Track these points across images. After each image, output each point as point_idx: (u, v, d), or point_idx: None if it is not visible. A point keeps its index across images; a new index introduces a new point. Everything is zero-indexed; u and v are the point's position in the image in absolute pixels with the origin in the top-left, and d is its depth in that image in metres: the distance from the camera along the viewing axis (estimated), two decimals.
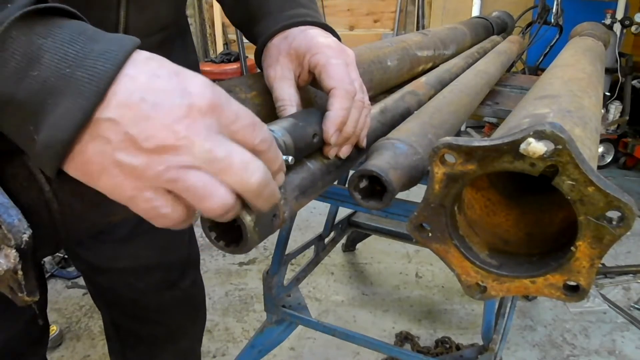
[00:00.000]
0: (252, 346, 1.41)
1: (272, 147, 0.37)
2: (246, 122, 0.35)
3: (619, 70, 2.87)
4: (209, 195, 0.33)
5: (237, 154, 0.33)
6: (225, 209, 0.33)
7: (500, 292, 0.45)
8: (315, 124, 0.49)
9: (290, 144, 0.44)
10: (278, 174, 0.39)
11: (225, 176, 0.33)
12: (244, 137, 0.35)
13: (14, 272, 0.32)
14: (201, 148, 0.32)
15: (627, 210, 0.36)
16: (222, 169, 0.33)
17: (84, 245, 0.91)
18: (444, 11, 3.69)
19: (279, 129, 0.43)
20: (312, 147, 0.48)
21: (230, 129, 0.34)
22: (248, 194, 0.34)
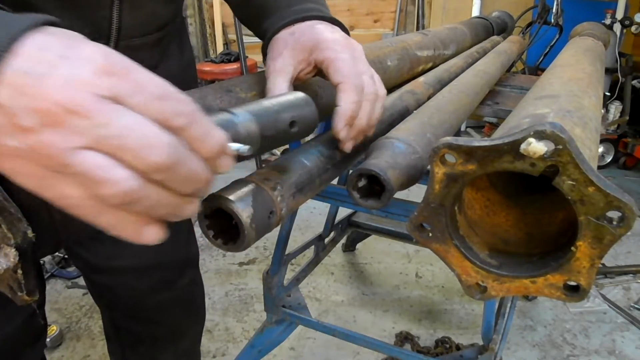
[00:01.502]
0: (252, 346, 1.41)
1: (198, 124, 0.32)
2: (154, 93, 0.30)
3: (619, 70, 2.87)
4: (105, 180, 0.28)
5: (136, 128, 0.29)
6: (128, 195, 0.29)
7: (500, 292, 0.45)
8: (296, 109, 0.43)
9: (255, 131, 0.38)
10: (215, 160, 0.33)
11: (122, 155, 0.28)
12: (151, 110, 0.30)
13: (13, 271, 0.32)
14: (91, 123, 0.28)
15: (627, 210, 0.36)
16: (117, 146, 0.28)
17: (83, 245, 0.91)
18: (444, 11, 3.69)
19: (242, 112, 0.38)
20: (290, 137, 0.43)
21: (133, 101, 0.29)
22: (155, 176, 0.30)
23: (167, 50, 0.77)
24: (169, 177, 0.30)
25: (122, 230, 0.32)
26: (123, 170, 0.28)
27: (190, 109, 0.31)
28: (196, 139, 0.31)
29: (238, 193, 0.40)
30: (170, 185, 0.31)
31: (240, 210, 0.38)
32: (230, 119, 0.37)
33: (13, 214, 0.31)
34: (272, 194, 0.42)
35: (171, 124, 0.30)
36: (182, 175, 0.31)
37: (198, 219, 0.40)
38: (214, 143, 0.32)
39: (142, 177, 0.29)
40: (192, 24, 3.69)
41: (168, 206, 0.32)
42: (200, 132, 0.32)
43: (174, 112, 0.30)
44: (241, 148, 0.36)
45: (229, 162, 0.35)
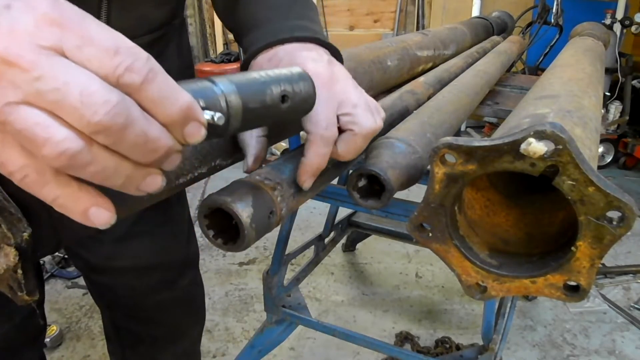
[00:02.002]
0: (252, 346, 1.41)
1: (156, 84, 0.28)
2: (105, 46, 0.27)
3: (619, 70, 2.87)
4: (43, 139, 0.26)
5: (79, 83, 0.26)
6: (71, 157, 0.26)
7: (500, 292, 0.45)
8: (288, 83, 0.38)
9: (237, 103, 0.34)
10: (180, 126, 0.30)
11: (62, 113, 0.26)
12: (99, 65, 0.27)
13: (13, 271, 0.32)
14: (29, 76, 0.25)
15: (627, 210, 0.36)
16: (56, 102, 0.25)
17: (83, 245, 0.91)
18: (444, 11, 3.69)
19: (224, 81, 0.34)
20: (281, 114, 0.38)
21: (80, 54, 0.27)
22: (100, 138, 0.27)
23: (164, 52, 0.76)
24: (117, 141, 0.27)
25: (67, 206, 0.29)
26: (64, 129, 0.26)
27: (148, 67, 0.28)
28: (152, 100, 0.28)
29: (238, 193, 0.40)
30: (121, 151, 0.28)
31: (240, 210, 0.38)
32: (207, 87, 0.33)
33: (13, 214, 0.31)
34: (272, 194, 0.42)
35: (122, 82, 0.27)
36: (132, 139, 0.27)
37: (198, 219, 0.40)
38: (175, 107, 0.29)
39: (86, 139, 0.27)
40: (192, 24, 3.70)
41: (121, 175, 0.29)
42: (158, 92, 0.28)
43: (126, 69, 0.27)
44: (215, 115, 0.32)
45: (199, 132, 0.31)
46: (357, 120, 0.46)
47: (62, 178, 0.28)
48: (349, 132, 0.47)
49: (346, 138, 0.47)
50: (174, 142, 0.30)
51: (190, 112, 0.30)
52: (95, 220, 0.30)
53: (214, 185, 2.72)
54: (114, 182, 0.29)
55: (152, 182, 0.31)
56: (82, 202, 0.29)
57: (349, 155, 0.48)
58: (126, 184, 0.30)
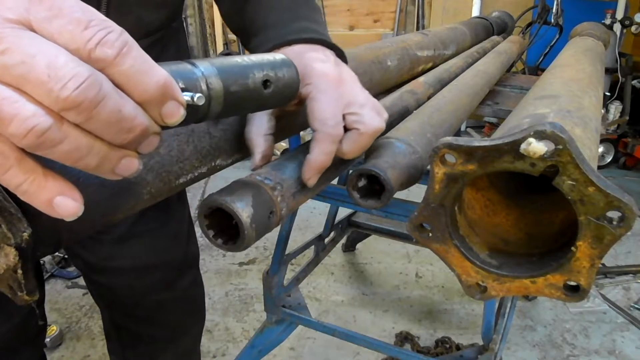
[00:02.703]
0: (252, 346, 1.41)
1: (130, 59, 0.26)
2: (73, 17, 0.25)
3: (619, 70, 2.88)
4: (10, 115, 0.24)
5: (45, 55, 0.24)
6: (41, 134, 0.25)
7: (500, 292, 0.45)
8: (271, 68, 0.38)
9: (218, 86, 0.33)
10: (156, 105, 0.28)
11: (28, 88, 0.24)
12: (70, 39, 0.25)
13: (13, 271, 0.32)
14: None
15: (627, 210, 0.36)
16: (21, 76, 0.24)
17: (83, 245, 0.91)
18: (444, 11, 3.69)
19: (205, 64, 0.33)
20: (263, 99, 0.38)
21: (49, 28, 0.25)
22: (68, 115, 0.25)
23: (162, 55, 0.76)
24: (86, 118, 0.25)
25: (31, 193, 0.27)
26: (32, 105, 0.24)
27: (122, 40, 0.26)
28: (126, 75, 0.26)
29: (238, 193, 0.40)
30: (93, 130, 0.26)
31: (240, 210, 0.38)
32: (187, 68, 0.32)
33: (13, 214, 0.31)
34: (272, 194, 0.42)
35: (94, 56, 0.25)
36: (104, 117, 0.26)
37: (198, 219, 0.40)
38: (151, 83, 0.27)
39: (56, 116, 0.25)
40: (192, 24, 3.70)
41: (94, 156, 0.27)
42: (132, 68, 0.26)
43: (98, 42, 0.25)
44: (195, 96, 0.30)
45: (178, 111, 0.29)
46: (363, 119, 0.47)
47: (27, 163, 0.27)
48: (355, 131, 0.47)
49: (352, 137, 0.47)
50: (150, 122, 0.29)
51: (168, 89, 0.28)
52: (60, 210, 0.28)
53: (214, 185, 2.72)
54: (87, 163, 0.27)
55: (128, 165, 0.29)
56: (47, 190, 0.28)
57: (353, 154, 0.48)
58: (100, 166, 0.28)
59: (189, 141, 0.44)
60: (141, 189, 0.39)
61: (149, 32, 0.70)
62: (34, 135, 0.24)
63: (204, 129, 0.45)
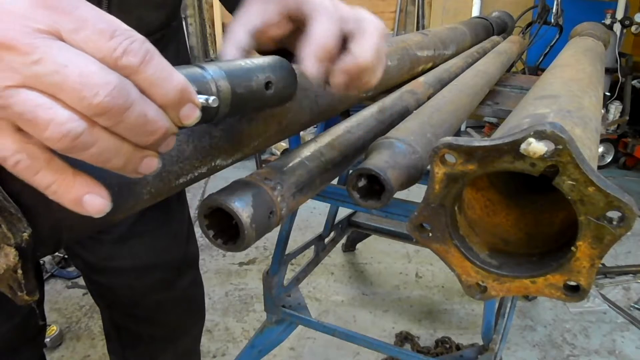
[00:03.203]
0: (252, 346, 1.41)
1: (153, 66, 0.28)
2: (98, 28, 0.27)
3: (619, 70, 2.88)
4: (46, 121, 0.26)
5: (77, 65, 0.26)
6: (75, 138, 0.26)
7: (500, 292, 0.45)
8: (271, 70, 0.40)
9: (226, 88, 0.35)
10: (176, 108, 0.30)
11: (61, 95, 0.26)
12: (96, 48, 0.27)
13: (13, 271, 0.32)
14: (26, 59, 0.25)
15: (627, 210, 0.36)
16: (55, 85, 0.26)
17: (83, 245, 0.91)
18: (444, 11, 3.69)
19: (213, 67, 0.35)
20: (266, 99, 0.39)
21: (76, 37, 0.27)
22: (100, 119, 0.27)
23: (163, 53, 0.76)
24: (116, 122, 0.27)
25: (61, 193, 0.29)
26: (66, 111, 0.26)
27: (144, 49, 0.28)
28: (150, 81, 0.28)
29: (238, 193, 0.40)
30: (121, 132, 0.28)
31: (240, 210, 0.38)
32: (198, 72, 0.34)
33: (13, 214, 0.31)
34: (272, 194, 0.42)
35: (120, 64, 0.27)
36: (132, 121, 0.28)
37: (198, 219, 0.40)
38: (171, 88, 0.29)
39: (88, 120, 0.27)
40: (192, 24, 3.70)
41: (121, 157, 0.29)
42: (155, 74, 0.28)
43: (124, 51, 0.27)
44: (209, 98, 0.33)
45: (194, 113, 0.31)
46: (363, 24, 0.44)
47: (56, 164, 0.28)
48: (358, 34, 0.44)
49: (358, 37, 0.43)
50: (170, 123, 0.30)
51: (186, 93, 0.30)
52: (89, 207, 0.29)
53: (214, 185, 2.72)
54: (114, 164, 0.29)
55: (150, 164, 0.31)
56: (76, 189, 0.29)
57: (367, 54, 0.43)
58: (126, 166, 0.30)
59: (189, 141, 0.44)
60: (141, 189, 0.39)
61: (150, 32, 0.70)
62: (69, 139, 0.26)
63: (204, 129, 0.45)
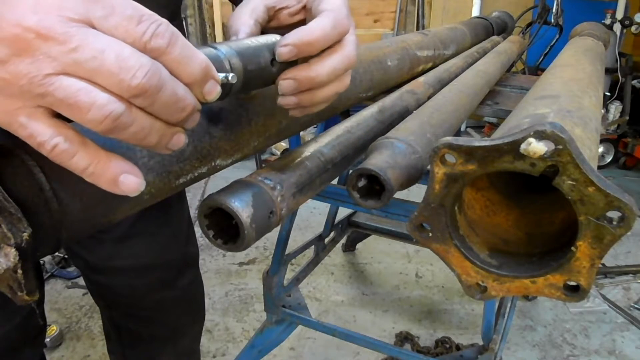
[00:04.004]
0: (252, 346, 1.41)
1: (178, 47, 0.30)
2: (129, 15, 0.28)
3: (619, 70, 2.88)
4: (88, 104, 0.27)
5: (112, 50, 0.27)
6: (113, 118, 0.28)
7: (500, 292, 0.45)
8: (275, 49, 0.42)
9: (239, 65, 0.38)
10: (200, 85, 0.32)
11: (99, 79, 0.27)
12: (127, 33, 0.28)
13: (13, 271, 0.32)
14: (64, 48, 0.26)
15: (627, 210, 0.36)
16: (93, 70, 0.27)
17: (83, 245, 0.91)
18: (444, 11, 3.69)
19: (225, 47, 0.37)
20: (270, 75, 0.42)
21: (107, 24, 0.28)
22: (136, 100, 0.28)
23: None
24: (151, 102, 0.29)
25: (98, 174, 0.30)
26: (105, 95, 0.27)
27: (170, 31, 0.30)
28: (177, 61, 0.30)
29: (238, 193, 0.40)
30: (154, 111, 0.30)
31: (240, 210, 0.38)
32: (213, 52, 0.36)
33: (13, 214, 0.31)
34: (272, 194, 0.42)
35: (149, 47, 0.29)
36: (164, 100, 0.29)
37: (198, 219, 0.40)
38: (196, 66, 0.31)
39: (125, 102, 0.28)
40: (192, 24, 3.70)
41: (155, 135, 0.30)
42: (181, 54, 0.30)
43: (152, 34, 0.29)
44: (229, 75, 0.35)
45: (216, 89, 0.33)
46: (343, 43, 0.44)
47: (91, 147, 0.30)
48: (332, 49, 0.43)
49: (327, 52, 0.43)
50: (196, 100, 0.32)
51: (209, 70, 0.32)
52: (124, 187, 0.31)
53: (214, 185, 2.72)
54: (149, 142, 0.31)
55: (179, 140, 0.33)
56: (111, 170, 0.30)
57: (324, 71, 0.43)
58: (159, 142, 0.31)
59: (189, 141, 0.44)
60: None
61: None
62: (111, 120, 0.28)
63: (204, 129, 0.45)
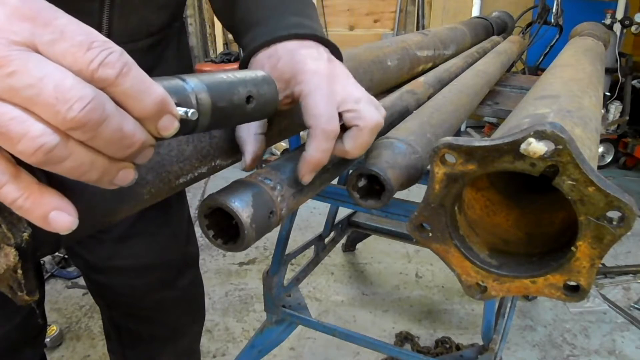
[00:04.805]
0: (252, 346, 1.41)
1: (130, 78, 0.28)
2: (76, 40, 0.26)
3: (619, 70, 2.88)
4: (19, 134, 0.25)
5: (52, 79, 0.25)
6: (48, 152, 0.26)
7: (500, 292, 0.45)
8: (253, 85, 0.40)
9: (206, 101, 0.35)
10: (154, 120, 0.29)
11: (36, 109, 0.25)
12: (73, 60, 0.26)
13: (13, 271, 0.32)
14: (1, 72, 0.25)
15: (627, 210, 0.36)
16: (29, 98, 0.25)
17: (83, 245, 0.91)
18: (444, 11, 3.69)
19: (194, 80, 0.35)
20: (246, 114, 0.40)
21: (53, 50, 0.26)
22: (74, 133, 0.26)
23: (164, 54, 0.76)
24: (91, 136, 0.27)
25: (27, 209, 0.28)
26: (40, 125, 0.26)
27: (122, 61, 0.27)
28: (127, 94, 0.28)
29: (238, 193, 0.40)
30: (96, 145, 0.27)
31: (240, 210, 0.38)
32: (179, 84, 0.34)
33: (13, 214, 0.31)
34: (272, 194, 0.42)
35: (96, 76, 0.27)
36: (107, 135, 0.27)
37: (198, 219, 0.40)
38: (149, 100, 0.29)
39: (62, 134, 0.26)
40: (192, 24, 3.70)
41: (96, 171, 0.29)
42: (132, 87, 0.28)
43: (100, 63, 0.27)
44: (189, 111, 0.32)
45: (172, 125, 0.31)
46: (362, 115, 0.46)
47: (23, 179, 0.28)
48: (354, 127, 0.46)
49: (353, 134, 0.46)
50: (147, 136, 0.30)
51: (164, 105, 0.30)
52: (55, 224, 0.29)
53: (214, 185, 2.72)
54: (89, 177, 0.29)
55: (125, 176, 0.31)
56: (42, 206, 0.29)
57: (357, 151, 0.46)
58: (101, 178, 0.29)
59: (189, 141, 0.44)
60: (141, 189, 0.39)
61: (152, 32, 0.70)
62: (42, 152, 0.26)
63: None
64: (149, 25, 0.69)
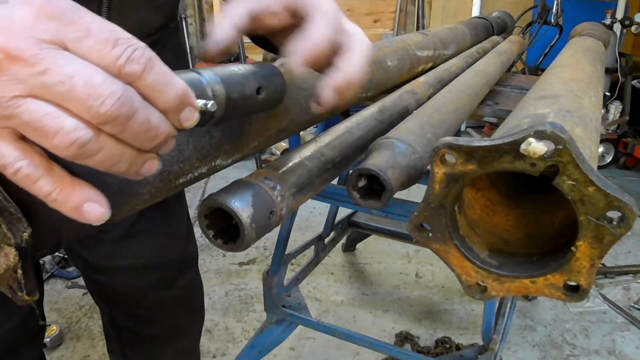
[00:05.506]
0: (252, 346, 1.41)
1: (155, 73, 0.29)
2: (101, 37, 0.27)
3: (619, 70, 2.88)
4: (54, 129, 0.26)
5: (82, 75, 0.26)
6: (80, 145, 0.27)
7: (500, 292, 0.45)
8: (262, 77, 0.41)
9: (221, 92, 0.36)
10: (176, 112, 0.31)
11: (68, 104, 0.26)
12: (101, 57, 0.27)
13: (13, 271, 0.32)
14: (32, 70, 0.25)
15: (627, 211, 0.36)
16: (62, 95, 0.26)
17: (83, 244, 0.91)
18: (444, 11, 3.69)
19: (209, 73, 0.36)
20: (257, 104, 0.41)
21: (80, 47, 0.27)
22: (106, 127, 0.27)
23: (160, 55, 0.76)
24: (122, 130, 0.28)
25: (60, 201, 0.29)
26: (73, 120, 0.26)
27: (146, 56, 0.28)
28: (152, 88, 0.29)
29: (238, 193, 0.40)
30: (125, 138, 0.29)
31: (240, 210, 0.38)
32: (195, 77, 0.35)
33: (13, 214, 0.31)
34: (272, 194, 0.42)
35: (124, 72, 0.28)
36: (136, 128, 0.28)
37: (198, 219, 0.40)
38: (173, 93, 0.30)
39: (94, 128, 0.27)
40: (192, 24, 3.70)
41: (125, 162, 0.30)
42: (157, 81, 0.29)
43: (127, 59, 0.28)
44: (208, 103, 0.34)
45: (193, 116, 0.32)
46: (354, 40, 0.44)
47: (56, 172, 0.29)
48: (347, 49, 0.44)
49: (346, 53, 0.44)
50: (171, 127, 0.31)
51: (186, 98, 0.31)
52: (88, 215, 0.30)
53: (214, 185, 2.72)
54: (118, 169, 0.30)
55: (151, 167, 0.32)
56: (75, 197, 0.30)
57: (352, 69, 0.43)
58: (129, 169, 0.30)
59: (189, 141, 0.44)
60: (141, 189, 0.39)
61: (149, 33, 0.71)
62: (77, 146, 0.27)
63: (204, 129, 0.45)
64: (146, 26, 0.69)
